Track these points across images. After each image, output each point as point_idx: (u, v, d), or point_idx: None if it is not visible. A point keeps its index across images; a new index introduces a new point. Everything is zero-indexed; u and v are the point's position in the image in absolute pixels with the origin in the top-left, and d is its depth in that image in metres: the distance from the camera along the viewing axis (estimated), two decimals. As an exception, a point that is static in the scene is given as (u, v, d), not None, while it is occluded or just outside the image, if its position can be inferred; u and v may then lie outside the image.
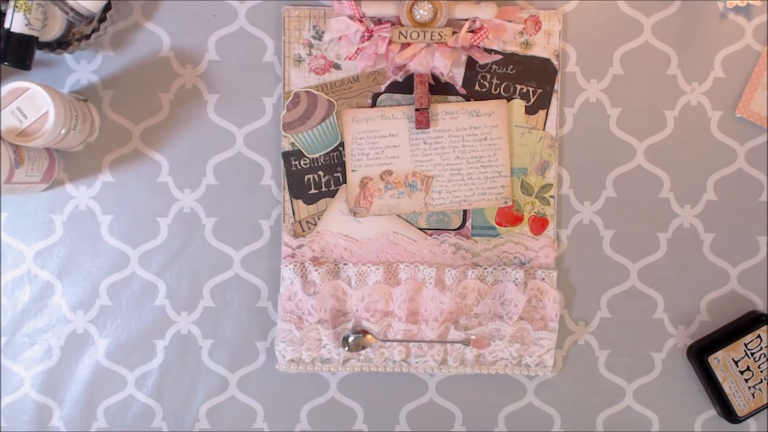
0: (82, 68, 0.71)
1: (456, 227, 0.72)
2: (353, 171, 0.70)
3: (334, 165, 0.71)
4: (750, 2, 0.72)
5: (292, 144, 0.71)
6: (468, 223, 0.72)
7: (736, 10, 0.73)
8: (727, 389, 0.72)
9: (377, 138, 0.70)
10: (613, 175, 0.73)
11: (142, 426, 0.72)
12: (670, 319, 0.74)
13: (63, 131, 0.64)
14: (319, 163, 0.71)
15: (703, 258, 0.74)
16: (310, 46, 0.70)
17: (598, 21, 0.73)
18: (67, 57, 0.71)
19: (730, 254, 0.74)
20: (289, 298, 0.70)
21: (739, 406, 0.72)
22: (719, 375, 0.72)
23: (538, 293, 0.71)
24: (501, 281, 0.71)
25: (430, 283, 0.70)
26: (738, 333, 0.72)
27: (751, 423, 0.74)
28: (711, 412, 0.74)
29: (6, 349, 0.71)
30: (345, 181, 0.71)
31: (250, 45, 0.71)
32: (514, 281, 0.71)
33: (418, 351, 0.71)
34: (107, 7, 0.68)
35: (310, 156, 0.71)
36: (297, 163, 0.71)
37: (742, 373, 0.72)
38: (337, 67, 0.71)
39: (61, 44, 0.68)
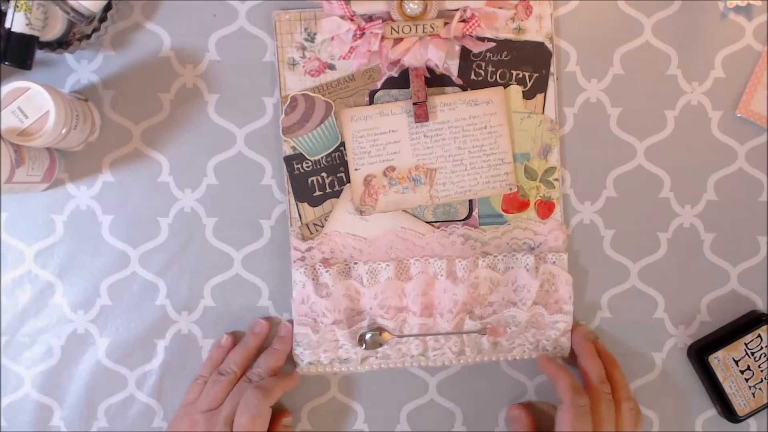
0: (83, 68, 0.71)
1: (463, 218, 0.72)
2: (356, 170, 0.70)
3: (337, 165, 0.71)
4: (750, 2, 0.72)
5: (293, 148, 0.71)
6: (475, 213, 0.72)
7: (737, 10, 0.73)
8: (727, 389, 0.72)
9: (377, 135, 0.70)
10: (614, 174, 0.73)
11: (142, 426, 0.72)
12: (670, 318, 0.74)
13: (64, 131, 0.64)
14: (322, 165, 0.71)
15: (704, 258, 0.74)
16: (303, 48, 0.70)
17: (598, 21, 0.73)
18: (68, 57, 0.71)
19: (730, 254, 0.74)
20: (303, 301, 0.70)
21: (740, 406, 0.72)
22: (720, 375, 0.72)
23: (550, 277, 0.71)
24: (512, 268, 0.71)
25: (442, 275, 0.70)
26: (738, 333, 0.72)
27: (752, 423, 0.74)
28: (711, 412, 0.74)
29: (6, 349, 0.71)
30: (348, 181, 0.71)
31: (250, 45, 0.71)
32: (525, 267, 0.71)
33: (434, 344, 0.71)
34: (108, 7, 0.68)
35: (311, 158, 0.71)
36: (299, 166, 0.71)
37: (742, 372, 0.72)
38: (331, 67, 0.71)
39: (61, 44, 0.68)
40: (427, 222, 0.72)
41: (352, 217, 0.71)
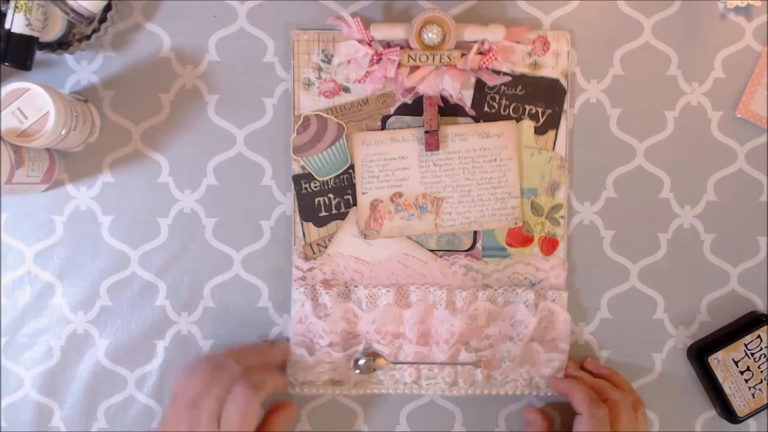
0: (83, 69, 0.71)
1: (466, 248, 0.72)
2: (363, 194, 0.70)
3: (344, 188, 0.71)
4: (750, 2, 0.72)
5: (303, 167, 0.71)
6: (478, 245, 0.72)
7: (737, 10, 0.73)
8: (727, 389, 0.72)
9: (387, 160, 0.70)
10: (614, 175, 0.73)
11: (142, 426, 0.72)
12: (670, 319, 0.74)
13: (63, 132, 0.64)
14: (330, 186, 0.71)
15: (704, 258, 0.74)
16: (320, 69, 0.70)
17: (598, 21, 0.73)
18: (68, 57, 0.71)
19: (730, 254, 0.74)
20: (300, 320, 0.70)
21: (739, 407, 0.72)
22: (719, 375, 0.72)
23: (549, 314, 0.71)
24: (512, 302, 0.71)
25: (441, 305, 0.70)
26: (738, 333, 0.72)
27: (751, 423, 0.74)
28: (711, 413, 0.74)
29: (6, 350, 0.71)
30: (355, 204, 0.71)
31: (250, 45, 0.71)
32: (524, 303, 0.71)
33: (428, 373, 0.71)
34: (108, 8, 0.68)
35: (320, 179, 0.71)
36: (307, 186, 0.71)
37: (742, 373, 0.72)
38: (346, 90, 0.70)
39: (61, 45, 0.68)
40: (431, 250, 0.72)
41: (357, 240, 0.71)
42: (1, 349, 0.71)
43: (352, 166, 0.71)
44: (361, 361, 0.70)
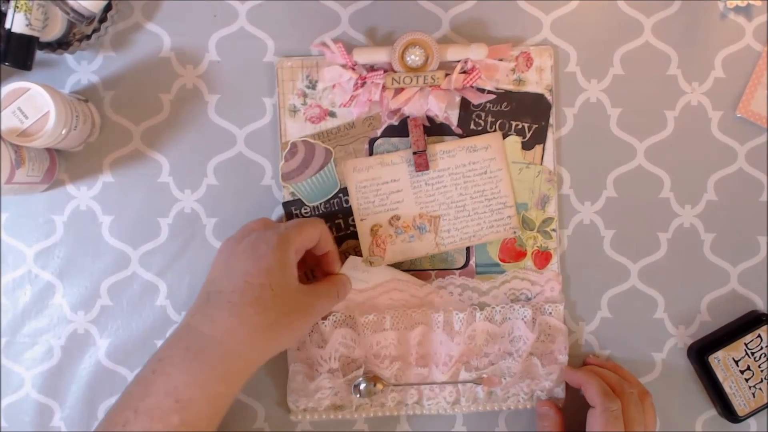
0: (83, 68, 0.71)
1: (460, 266, 0.72)
2: (362, 221, 0.70)
3: (335, 212, 0.71)
4: (750, 2, 0.72)
5: (292, 194, 0.71)
6: (472, 262, 0.72)
7: (737, 10, 0.73)
8: (727, 389, 0.72)
9: (380, 185, 0.70)
10: (614, 175, 0.73)
11: (142, 426, 0.72)
12: (670, 318, 0.74)
13: (64, 131, 0.64)
14: (320, 211, 0.71)
15: (704, 258, 0.74)
16: (305, 95, 0.70)
17: (598, 21, 0.73)
18: (68, 57, 0.71)
19: (730, 254, 0.74)
20: (298, 348, 0.70)
21: (740, 406, 0.72)
22: (720, 375, 0.72)
23: (547, 328, 0.71)
24: (509, 319, 0.71)
25: (438, 327, 0.70)
26: (738, 333, 0.72)
27: (752, 423, 0.74)
28: (711, 412, 0.74)
29: (7, 350, 0.71)
30: (347, 228, 0.71)
31: (250, 45, 0.71)
32: (522, 319, 0.71)
33: (430, 393, 0.71)
34: (108, 8, 0.68)
35: (310, 204, 0.71)
36: (298, 212, 0.71)
37: (742, 372, 0.72)
38: (332, 114, 0.70)
39: (61, 44, 0.68)
40: (425, 270, 0.72)
41: (351, 265, 0.70)
42: (2, 349, 0.71)
43: (341, 191, 0.71)
44: (362, 386, 0.70)
